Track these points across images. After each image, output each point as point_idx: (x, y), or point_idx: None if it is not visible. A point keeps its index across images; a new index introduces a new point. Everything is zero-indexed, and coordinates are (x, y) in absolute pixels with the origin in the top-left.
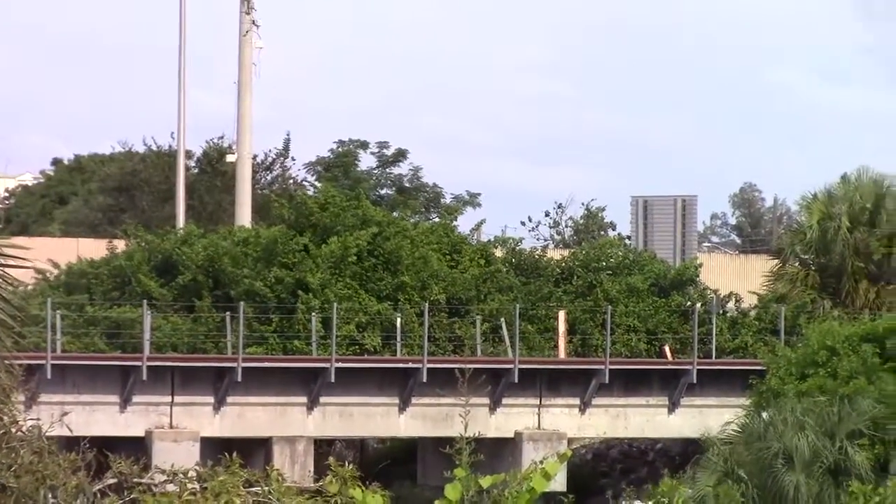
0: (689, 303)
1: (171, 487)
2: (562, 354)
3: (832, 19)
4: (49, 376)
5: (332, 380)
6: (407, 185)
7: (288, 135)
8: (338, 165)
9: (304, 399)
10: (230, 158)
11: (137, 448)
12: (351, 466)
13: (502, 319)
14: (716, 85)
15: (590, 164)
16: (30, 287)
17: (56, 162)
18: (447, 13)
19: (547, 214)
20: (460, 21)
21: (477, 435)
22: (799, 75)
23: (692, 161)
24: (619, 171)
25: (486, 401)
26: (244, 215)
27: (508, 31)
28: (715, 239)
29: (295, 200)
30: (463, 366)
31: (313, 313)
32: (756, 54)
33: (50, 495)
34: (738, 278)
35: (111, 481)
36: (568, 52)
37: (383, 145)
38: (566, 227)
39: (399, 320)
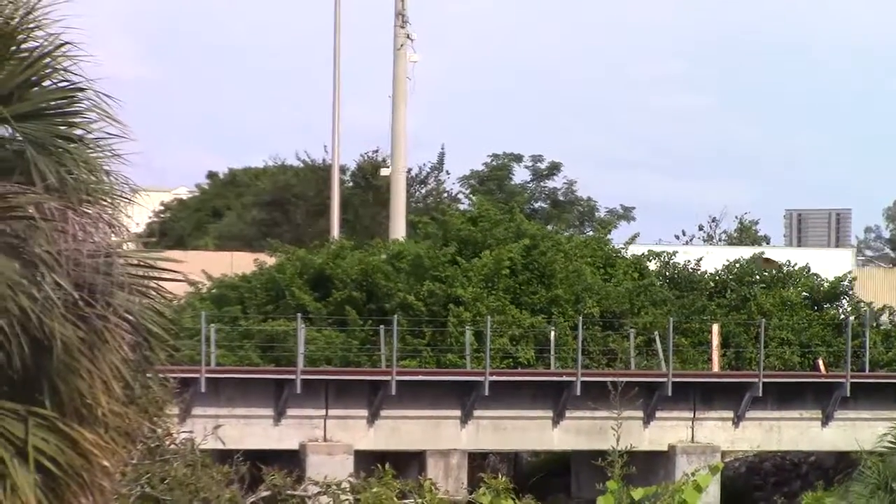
0: (842, 316)
1: (324, 499)
2: (715, 368)
3: None
4: (203, 389)
5: (486, 393)
6: (561, 198)
7: (442, 148)
8: (492, 179)
9: (457, 412)
10: (384, 172)
11: (291, 461)
12: (504, 478)
13: (656, 333)
14: (866, 97)
15: (742, 178)
16: (182, 300)
17: (211, 175)
18: (592, 28)
19: (701, 228)
20: (604, 34)
21: (630, 448)
22: None
23: (846, 174)
24: (771, 185)
25: (639, 414)
26: (399, 229)
27: (650, 45)
28: (869, 252)
29: (438, 220)
30: (616, 379)
31: (466, 326)
32: None
33: None
34: (892, 291)
35: (265, 494)
36: (710, 65)
37: (537, 159)
38: (720, 240)
39: (553, 333)
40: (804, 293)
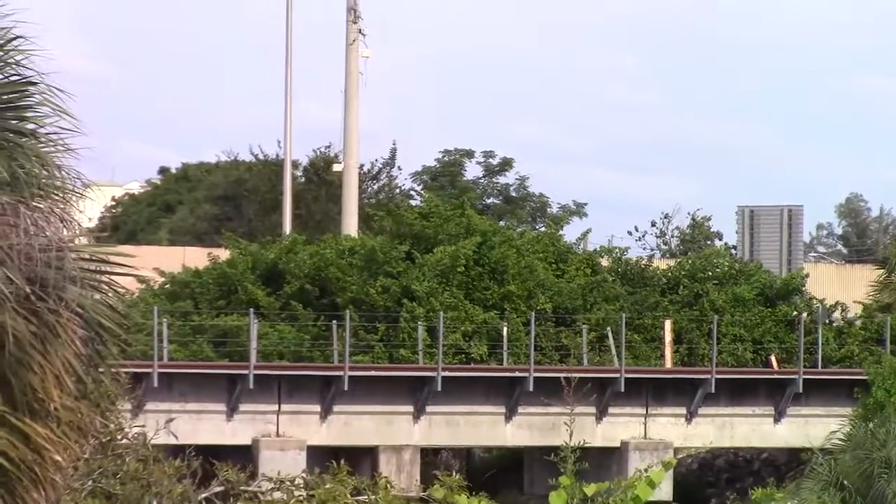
0: (795, 312)
1: (277, 495)
2: (668, 364)
3: None
4: (156, 384)
5: (439, 388)
6: (513, 194)
7: (394, 144)
8: (444, 174)
9: (410, 408)
10: (337, 168)
11: (244, 456)
12: (458, 475)
13: (608, 329)
14: (821, 95)
15: (695, 175)
16: (135, 295)
17: (163, 170)
18: (547, 23)
19: (653, 224)
20: (559, 30)
21: (582, 444)
22: None
23: (798, 171)
24: (724, 182)
25: (592, 410)
26: (351, 225)
27: (605, 40)
28: (821, 249)
29: (393, 213)
30: (569, 375)
31: (419, 322)
32: (862, 62)
33: (155, 502)
34: (844, 288)
35: (218, 489)
36: (666, 61)
37: (489, 154)
38: (672, 236)
39: (505, 329)
40: (757, 290)
